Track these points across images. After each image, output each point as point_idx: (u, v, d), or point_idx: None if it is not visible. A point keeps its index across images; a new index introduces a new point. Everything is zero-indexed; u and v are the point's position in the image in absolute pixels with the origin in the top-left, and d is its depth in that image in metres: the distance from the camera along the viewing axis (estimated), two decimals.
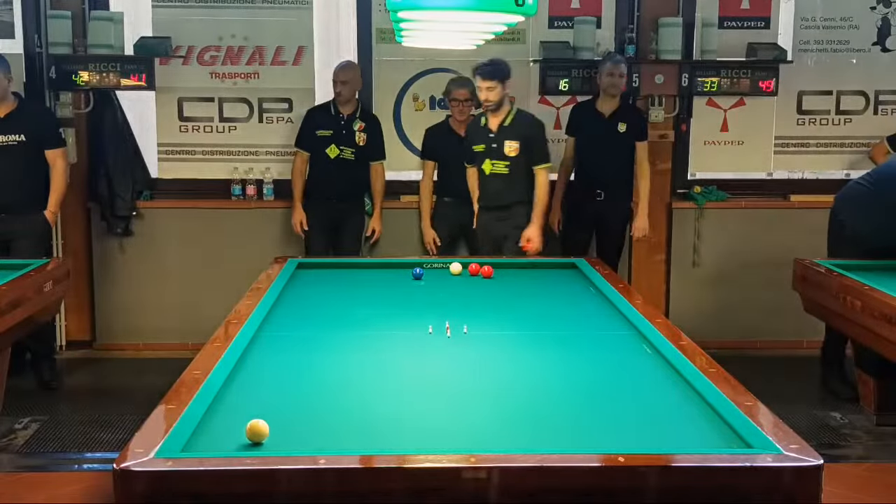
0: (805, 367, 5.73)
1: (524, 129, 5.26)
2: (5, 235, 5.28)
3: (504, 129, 5.23)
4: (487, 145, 5.26)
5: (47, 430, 4.71)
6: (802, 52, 6.24)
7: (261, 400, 2.67)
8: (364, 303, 3.95)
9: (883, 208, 4.96)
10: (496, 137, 5.23)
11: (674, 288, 6.29)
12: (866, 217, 5.02)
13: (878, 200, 4.99)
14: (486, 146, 5.27)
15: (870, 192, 5.06)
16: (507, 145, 5.21)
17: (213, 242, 6.08)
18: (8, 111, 5.25)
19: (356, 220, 5.90)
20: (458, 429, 2.48)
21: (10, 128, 5.22)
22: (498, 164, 5.24)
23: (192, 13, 6.05)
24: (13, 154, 5.23)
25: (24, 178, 5.28)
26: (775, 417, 2.46)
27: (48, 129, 5.38)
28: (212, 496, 2.11)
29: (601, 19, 6.11)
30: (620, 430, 2.50)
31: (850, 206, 5.13)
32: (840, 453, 4.50)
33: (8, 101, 5.27)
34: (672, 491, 2.16)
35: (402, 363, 3.11)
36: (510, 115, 5.25)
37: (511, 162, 5.23)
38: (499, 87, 5.10)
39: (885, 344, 4.11)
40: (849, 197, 5.19)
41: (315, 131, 5.78)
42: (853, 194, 5.16)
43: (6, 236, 5.28)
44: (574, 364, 3.13)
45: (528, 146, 5.23)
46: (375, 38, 6.12)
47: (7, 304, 4.11)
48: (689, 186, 6.28)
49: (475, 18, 2.98)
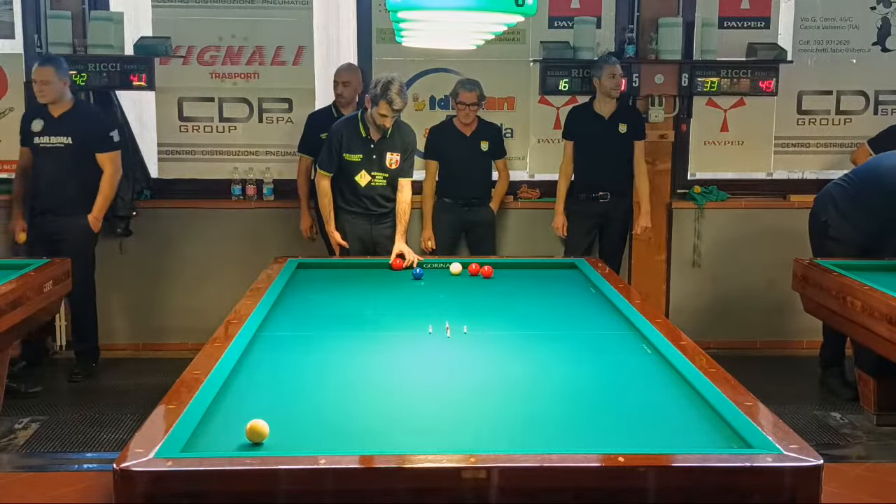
0: (805, 367, 5.73)
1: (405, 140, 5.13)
2: (53, 237, 5.34)
3: (385, 141, 5.08)
4: (366, 156, 5.09)
5: (47, 430, 4.71)
6: (802, 52, 6.25)
7: (261, 400, 2.68)
8: (364, 303, 3.95)
9: (860, 208, 5.03)
10: (377, 148, 5.09)
11: (674, 288, 6.29)
12: (846, 216, 5.07)
13: (854, 200, 5.06)
14: (365, 156, 5.09)
15: (847, 193, 5.11)
16: (389, 157, 5.09)
17: (213, 242, 6.08)
18: (61, 112, 5.28)
19: None
20: (458, 429, 2.49)
21: (59, 129, 5.25)
22: (378, 176, 5.11)
23: (192, 13, 6.05)
24: (61, 156, 5.26)
25: (71, 181, 5.30)
26: (775, 417, 2.46)
27: (97, 132, 5.38)
28: (212, 496, 2.11)
29: (601, 19, 6.11)
30: (620, 430, 2.50)
31: (830, 206, 5.17)
32: (840, 453, 4.50)
33: (63, 101, 5.30)
34: (672, 491, 2.16)
35: (402, 363, 3.11)
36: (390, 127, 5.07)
37: (390, 173, 5.11)
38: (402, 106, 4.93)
39: (885, 344, 4.11)
40: (829, 197, 5.21)
41: (319, 135, 5.78)
42: (833, 194, 5.19)
43: (54, 237, 5.33)
44: (574, 364, 3.13)
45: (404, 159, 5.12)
46: (375, 38, 6.12)
47: (7, 304, 4.11)
48: (689, 186, 6.28)
49: (475, 18, 2.97)
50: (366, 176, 5.09)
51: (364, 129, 5.05)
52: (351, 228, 5.21)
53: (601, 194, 5.75)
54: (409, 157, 5.16)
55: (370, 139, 5.06)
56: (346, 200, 5.21)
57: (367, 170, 5.09)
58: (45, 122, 5.32)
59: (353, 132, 5.09)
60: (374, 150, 5.07)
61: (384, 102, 4.85)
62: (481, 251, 5.80)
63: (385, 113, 4.87)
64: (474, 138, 5.86)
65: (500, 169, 5.98)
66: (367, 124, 5.03)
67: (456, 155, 5.82)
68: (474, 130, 5.86)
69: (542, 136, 6.27)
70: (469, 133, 5.85)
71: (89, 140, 5.33)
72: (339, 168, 5.13)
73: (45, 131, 5.32)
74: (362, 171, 5.09)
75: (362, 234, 5.22)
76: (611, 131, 5.70)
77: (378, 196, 5.18)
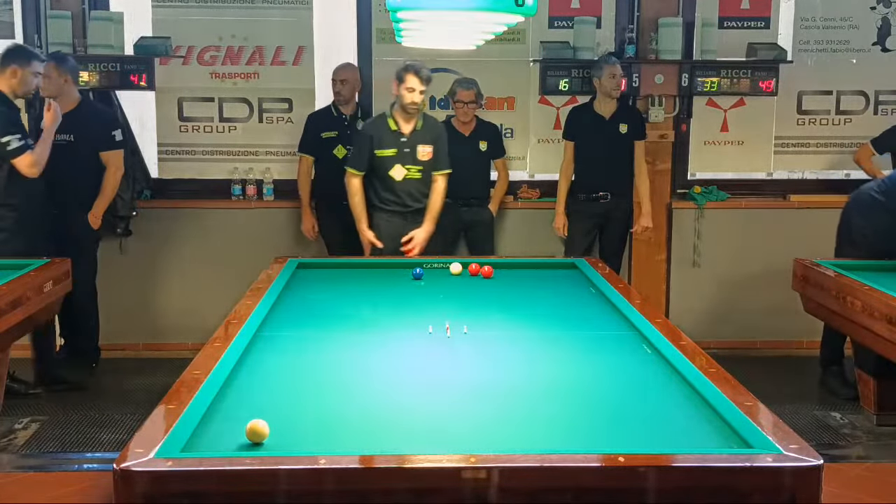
0: (805, 367, 5.73)
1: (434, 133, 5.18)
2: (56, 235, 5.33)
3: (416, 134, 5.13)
4: (399, 149, 5.14)
5: (47, 430, 4.71)
6: (802, 52, 6.25)
7: (261, 400, 2.67)
8: (364, 303, 3.95)
9: (886, 212, 5.00)
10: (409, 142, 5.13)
11: (674, 288, 6.29)
12: (870, 218, 5.05)
13: (884, 205, 5.03)
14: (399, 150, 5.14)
15: (877, 197, 5.09)
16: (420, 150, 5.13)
17: (213, 242, 6.08)
18: (66, 110, 5.26)
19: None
20: (458, 429, 2.48)
21: (63, 127, 5.22)
22: (412, 168, 5.16)
23: (192, 13, 6.06)
24: (64, 154, 5.25)
25: (74, 179, 5.30)
26: (775, 417, 2.46)
27: (99, 130, 5.38)
28: (212, 496, 2.11)
29: (601, 19, 6.11)
30: (620, 430, 2.50)
31: (857, 209, 5.16)
32: (840, 453, 4.50)
33: (69, 99, 5.29)
34: (672, 491, 2.16)
35: (402, 363, 3.11)
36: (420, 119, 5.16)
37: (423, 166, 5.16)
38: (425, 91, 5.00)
39: (885, 344, 4.11)
40: (858, 200, 5.20)
41: (319, 134, 5.78)
42: (863, 198, 5.18)
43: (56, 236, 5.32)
44: (574, 364, 3.13)
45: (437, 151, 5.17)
46: (375, 38, 6.12)
47: (7, 304, 4.11)
48: (689, 186, 6.28)
49: (475, 18, 2.98)
50: (401, 169, 5.10)
51: (394, 122, 5.07)
52: (386, 227, 5.22)
53: (601, 194, 5.75)
54: (442, 149, 5.18)
55: (401, 133, 5.08)
56: (382, 199, 5.21)
57: (401, 163, 5.10)
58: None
59: (383, 127, 5.12)
60: (407, 144, 5.10)
61: (411, 74, 4.89)
62: (481, 251, 5.80)
63: (413, 86, 4.90)
64: (473, 138, 5.87)
65: (498, 168, 5.99)
66: (396, 119, 5.02)
67: (455, 155, 5.81)
68: (473, 130, 5.86)
69: (542, 136, 6.27)
70: (468, 133, 5.85)
71: (92, 138, 5.34)
72: (372, 166, 5.12)
73: None
74: (396, 164, 5.10)
75: (396, 233, 5.22)
76: (611, 131, 5.70)
77: (414, 190, 5.19)
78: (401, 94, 5.00)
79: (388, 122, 5.10)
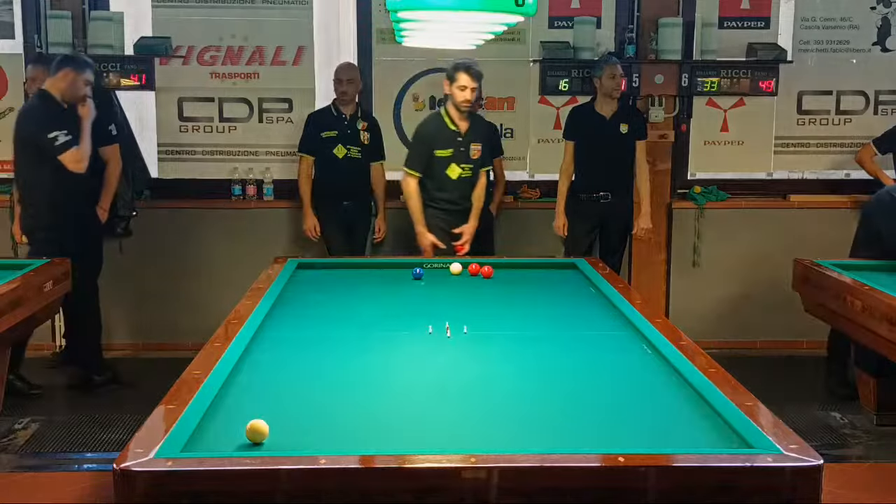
0: (805, 367, 5.73)
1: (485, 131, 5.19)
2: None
3: (470, 132, 5.14)
4: (456, 149, 5.14)
5: (47, 430, 4.71)
6: (802, 52, 6.25)
7: (261, 400, 2.67)
8: (364, 303, 3.95)
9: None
10: (464, 140, 5.13)
11: (674, 288, 6.29)
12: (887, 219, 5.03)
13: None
14: (455, 150, 5.15)
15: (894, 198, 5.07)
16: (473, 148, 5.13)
17: (213, 242, 6.08)
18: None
19: (367, 220, 5.93)
20: (458, 429, 2.48)
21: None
22: (466, 167, 5.15)
23: (192, 13, 6.06)
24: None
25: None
26: (775, 417, 2.46)
27: (98, 127, 5.33)
28: (212, 496, 2.11)
29: (601, 19, 6.12)
30: (620, 431, 2.50)
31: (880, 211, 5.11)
32: (840, 453, 4.50)
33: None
34: (672, 491, 2.16)
35: (402, 363, 3.11)
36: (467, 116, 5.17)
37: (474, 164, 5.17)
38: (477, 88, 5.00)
39: (885, 344, 4.11)
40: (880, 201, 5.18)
41: (320, 133, 5.78)
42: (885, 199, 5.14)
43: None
44: (574, 364, 3.13)
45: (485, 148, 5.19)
46: (375, 38, 6.12)
47: (7, 304, 4.11)
48: (689, 186, 6.29)
49: (475, 18, 2.98)
50: (456, 169, 5.08)
51: (451, 122, 5.04)
52: (442, 226, 5.23)
53: (602, 194, 5.74)
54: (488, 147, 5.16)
55: (458, 131, 5.06)
56: (434, 198, 5.23)
57: (456, 162, 5.09)
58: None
59: (440, 127, 5.10)
60: (462, 142, 5.08)
61: (462, 72, 4.87)
62: (481, 251, 5.79)
63: (465, 84, 4.87)
64: None
65: (496, 168, 5.98)
66: (453, 117, 5.00)
67: None
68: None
69: (542, 137, 6.28)
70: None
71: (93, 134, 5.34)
72: (427, 167, 5.12)
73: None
74: (452, 164, 5.08)
75: (450, 232, 5.25)
76: (612, 131, 5.69)
77: (466, 188, 5.21)
78: (452, 92, 4.96)
79: (445, 121, 5.07)
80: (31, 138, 4.95)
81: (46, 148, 4.88)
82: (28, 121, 5.02)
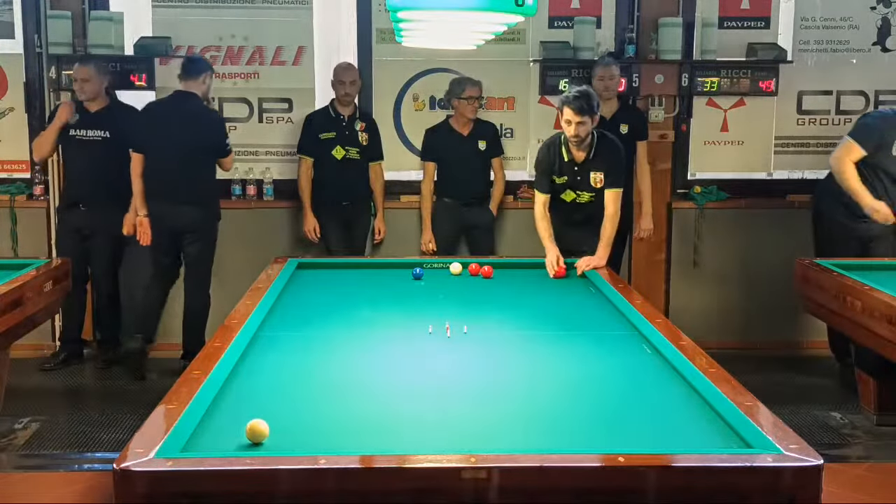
0: (805, 367, 5.73)
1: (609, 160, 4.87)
2: (84, 230, 5.54)
3: (588, 161, 4.84)
4: (572, 177, 4.88)
5: (47, 430, 4.71)
6: (802, 52, 6.24)
7: (261, 400, 2.68)
8: (364, 303, 3.95)
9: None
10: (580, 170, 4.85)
11: (674, 288, 6.29)
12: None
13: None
14: (570, 178, 4.88)
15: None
16: (592, 177, 4.86)
17: None
18: (97, 108, 5.51)
19: (366, 220, 5.93)
20: (458, 429, 2.49)
21: (96, 124, 5.48)
22: (583, 194, 4.90)
23: (192, 13, 6.05)
24: (96, 149, 5.48)
25: (105, 174, 5.50)
26: (775, 417, 2.46)
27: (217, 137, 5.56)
28: (212, 496, 2.11)
29: (601, 19, 6.11)
30: (620, 430, 2.51)
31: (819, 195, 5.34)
32: (840, 453, 4.50)
33: (100, 98, 5.53)
34: (672, 491, 2.16)
35: (403, 363, 3.11)
36: (593, 146, 4.82)
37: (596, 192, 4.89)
38: (589, 123, 4.65)
39: (885, 344, 4.11)
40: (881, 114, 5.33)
41: (318, 135, 5.78)
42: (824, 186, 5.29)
43: (84, 231, 5.54)
44: (574, 364, 3.13)
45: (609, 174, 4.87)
46: (375, 38, 6.12)
47: (7, 304, 4.11)
48: (689, 186, 6.28)
49: (475, 18, 2.98)
50: (571, 194, 4.88)
51: (566, 152, 4.82)
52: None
53: None
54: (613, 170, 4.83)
55: (573, 162, 4.82)
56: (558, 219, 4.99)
57: (571, 188, 4.87)
58: (81, 117, 5.49)
59: (557, 156, 4.85)
60: (579, 172, 4.83)
61: (565, 107, 4.61)
62: (481, 251, 5.80)
63: (570, 118, 4.59)
64: (472, 138, 5.87)
65: (496, 168, 5.97)
66: (570, 147, 4.77)
67: (454, 155, 5.83)
68: (471, 130, 5.86)
69: (542, 137, 6.22)
70: (467, 133, 5.85)
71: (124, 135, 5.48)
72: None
73: (81, 125, 5.49)
74: (567, 189, 4.88)
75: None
76: (612, 132, 5.67)
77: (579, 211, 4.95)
78: (563, 125, 4.75)
79: (562, 150, 4.83)
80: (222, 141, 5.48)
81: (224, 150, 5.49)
82: (222, 125, 5.58)
